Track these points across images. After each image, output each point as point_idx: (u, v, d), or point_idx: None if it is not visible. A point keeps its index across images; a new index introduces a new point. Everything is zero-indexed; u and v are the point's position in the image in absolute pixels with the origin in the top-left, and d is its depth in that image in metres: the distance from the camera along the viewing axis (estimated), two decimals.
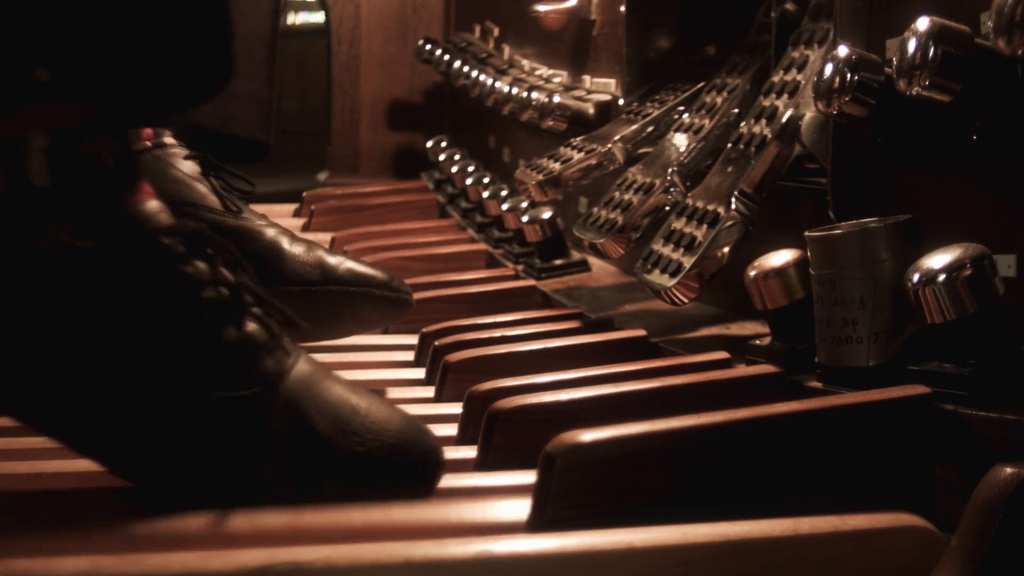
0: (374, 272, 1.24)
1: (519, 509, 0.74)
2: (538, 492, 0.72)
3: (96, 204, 0.70)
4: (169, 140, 1.22)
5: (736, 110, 1.25)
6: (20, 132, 0.68)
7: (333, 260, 1.22)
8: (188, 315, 0.71)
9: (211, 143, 1.20)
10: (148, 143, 1.19)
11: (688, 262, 1.07)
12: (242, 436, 0.72)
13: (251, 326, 0.74)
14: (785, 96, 1.11)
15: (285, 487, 0.73)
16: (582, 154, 1.38)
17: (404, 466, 0.76)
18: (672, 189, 1.23)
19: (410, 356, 1.28)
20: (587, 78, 1.62)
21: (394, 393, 1.14)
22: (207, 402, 0.71)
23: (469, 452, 0.92)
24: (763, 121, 1.12)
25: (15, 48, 0.67)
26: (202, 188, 1.18)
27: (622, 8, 1.45)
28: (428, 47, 2.28)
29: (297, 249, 1.22)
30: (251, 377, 0.73)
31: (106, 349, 0.70)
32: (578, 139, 1.42)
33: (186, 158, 1.20)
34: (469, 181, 1.92)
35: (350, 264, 1.23)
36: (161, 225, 0.72)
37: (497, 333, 1.21)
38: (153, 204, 0.72)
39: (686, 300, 1.09)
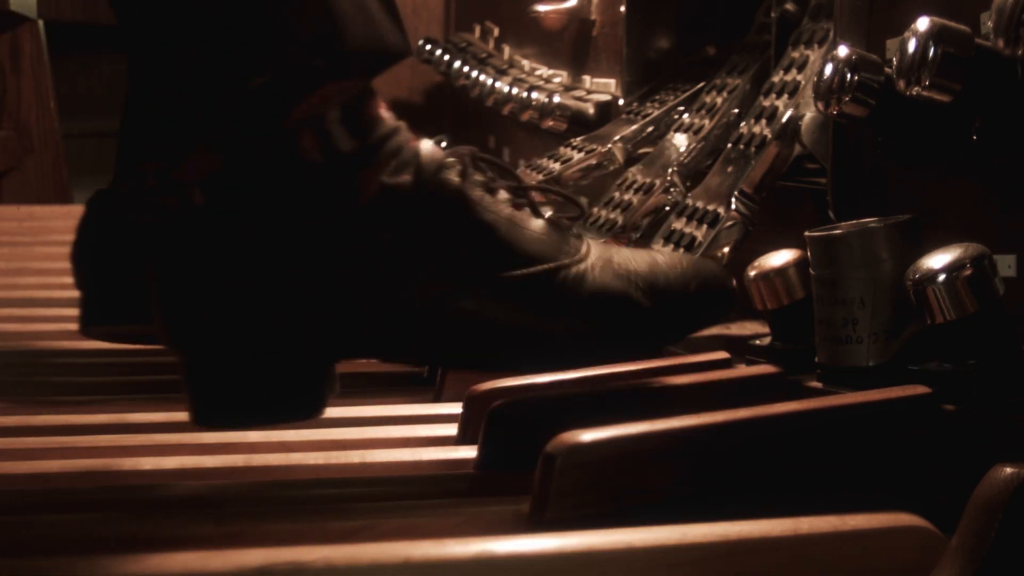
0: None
1: (518, 508, 0.74)
2: (538, 492, 0.72)
3: (394, 153, 0.82)
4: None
5: (736, 110, 1.25)
6: (317, 111, 0.78)
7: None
8: (496, 210, 0.84)
9: None
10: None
11: None
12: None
13: (539, 219, 0.86)
14: (785, 96, 1.11)
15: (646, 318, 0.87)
16: (582, 154, 1.38)
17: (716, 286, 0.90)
18: (672, 189, 1.23)
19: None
20: (587, 78, 1.63)
21: (394, 394, 1.14)
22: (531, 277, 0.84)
23: (469, 452, 0.92)
24: (763, 121, 1.12)
25: (295, 45, 0.78)
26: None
27: (622, 8, 1.45)
28: (428, 47, 2.28)
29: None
30: (568, 249, 0.85)
31: (439, 259, 0.82)
32: (578, 139, 1.42)
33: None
34: None
35: None
36: (447, 156, 0.84)
37: None
38: (421, 140, 0.85)
39: None
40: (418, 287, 0.80)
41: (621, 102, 1.46)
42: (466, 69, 2.02)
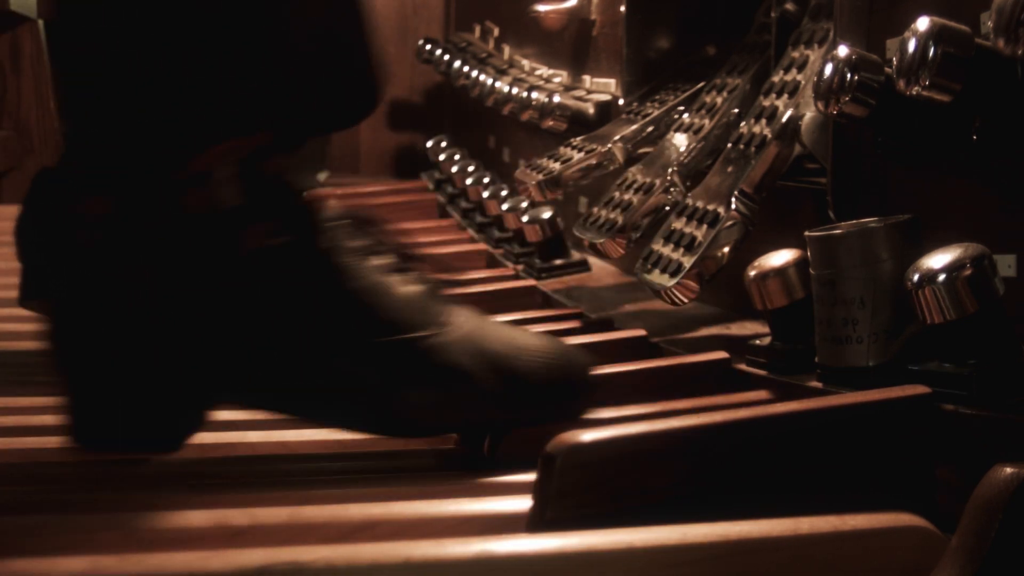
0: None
1: (518, 508, 0.74)
2: (538, 492, 0.72)
3: (282, 209, 0.84)
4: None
5: (736, 110, 1.25)
6: (213, 165, 0.81)
7: None
8: (367, 277, 0.85)
9: None
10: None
11: (688, 262, 1.08)
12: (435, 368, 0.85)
13: (413, 283, 0.88)
14: (785, 96, 1.11)
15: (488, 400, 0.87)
16: (582, 154, 1.38)
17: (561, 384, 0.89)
18: (672, 189, 1.23)
19: None
20: (587, 78, 1.63)
21: None
22: (389, 345, 0.84)
23: (470, 454, 0.92)
24: (763, 121, 1.12)
25: (204, 97, 0.81)
26: None
27: (622, 8, 1.45)
28: (428, 47, 2.28)
29: None
30: (431, 319, 0.86)
31: (304, 321, 0.84)
32: (578, 139, 1.42)
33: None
34: (469, 181, 1.92)
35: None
36: (330, 214, 0.86)
37: None
38: (316, 204, 0.86)
39: (686, 300, 1.09)
40: (281, 345, 0.83)
41: (621, 102, 1.46)
42: (466, 69, 2.02)
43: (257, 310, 0.82)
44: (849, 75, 0.88)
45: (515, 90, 1.73)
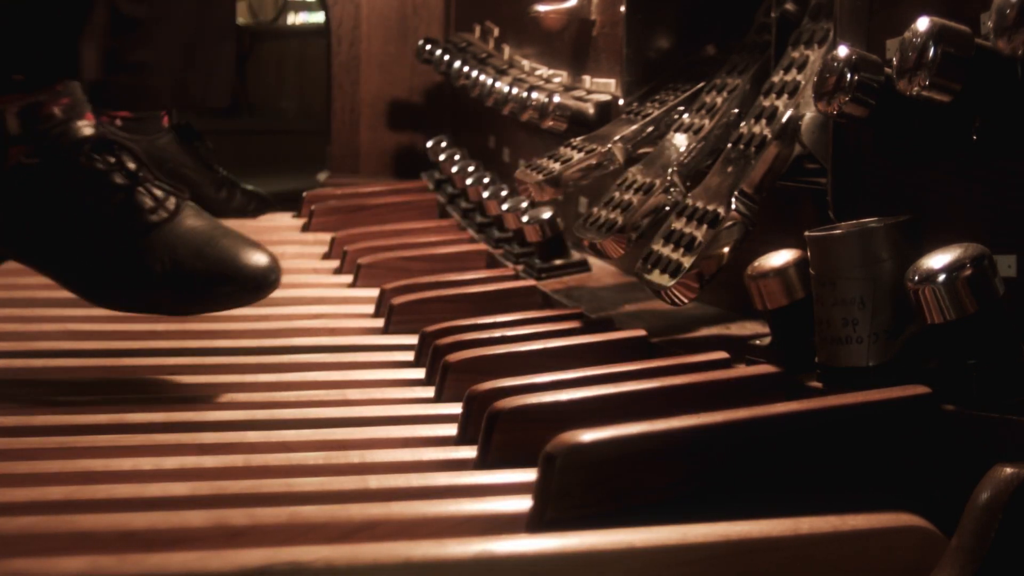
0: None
1: (518, 508, 0.74)
2: (538, 492, 0.72)
3: (42, 136, 1.18)
4: None
5: (736, 110, 1.25)
6: (2, 105, 1.17)
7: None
8: (95, 191, 1.17)
9: None
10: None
11: (688, 262, 1.07)
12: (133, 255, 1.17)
13: (141, 194, 1.18)
14: (785, 96, 1.11)
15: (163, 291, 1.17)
16: (582, 154, 1.38)
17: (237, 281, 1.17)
18: (672, 189, 1.23)
19: (410, 356, 1.28)
20: (587, 78, 1.63)
21: (394, 393, 1.14)
22: (109, 242, 1.17)
23: (469, 452, 0.92)
24: (763, 121, 1.12)
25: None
26: None
27: (622, 8, 1.45)
28: (428, 47, 2.28)
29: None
30: (135, 225, 1.17)
31: (49, 227, 1.18)
32: (578, 139, 1.42)
33: None
34: (469, 181, 1.92)
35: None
36: (81, 138, 1.19)
37: (497, 333, 1.21)
38: (82, 124, 1.20)
39: (686, 300, 1.09)
40: (28, 229, 1.18)
41: (621, 102, 1.46)
42: (466, 69, 2.02)
43: (15, 209, 1.17)
44: (849, 75, 0.88)
45: (515, 90, 1.73)
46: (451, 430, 0.98)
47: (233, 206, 2.27)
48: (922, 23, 0.81)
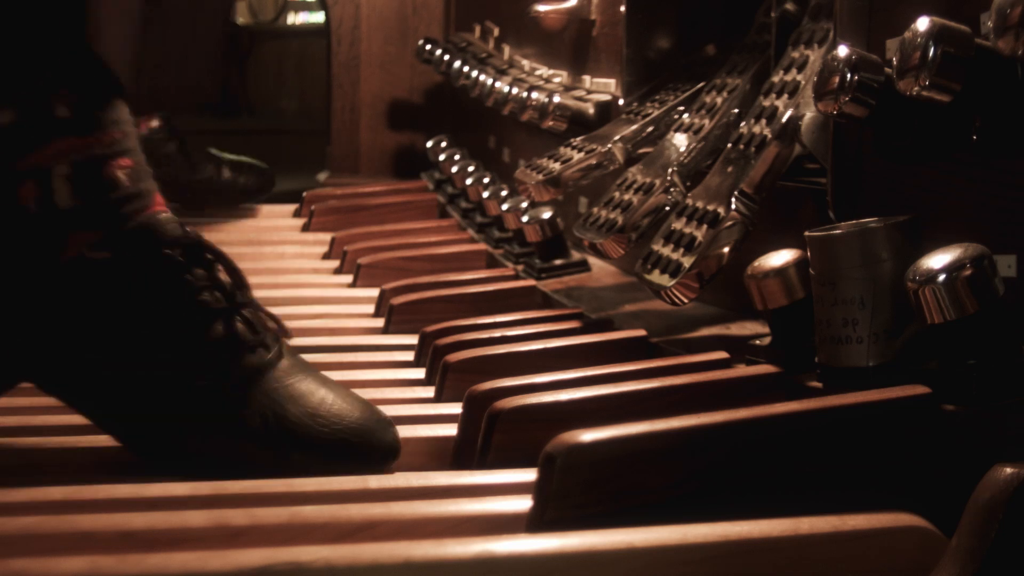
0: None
1: (518, 508, 0.74)
2: (538, 492, 0.72)
3: (112, 220, 0.83)
4: None
5: (736, 110, 1.25)
6: (46, 163, 0.82)
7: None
8: (184, 314, 0.85)
9: None
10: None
11: (688, 262, 1.07)
12: (222, 421, 0.86)
13: (239, 326, 0.87)
14: (785, 96, 1.11)
15: (262, 456, 0.86)
16: (582, 154, 1.38)
17: (361, 449, 0.88)
18: (672, 189, 1.23)
19: (410, 356, 1.28)
20: (587, 78, 1.63)
21: (394, 393, 1.14)
22: (193, 388, 0.85)
23: (468, 451, 0.92)
24: (763, 121, 1.12)
25: (35, 85, 0.81)
26: None
27: (622, 8, 1.45)
28: (428, 47, 2.28)
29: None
30: (234, 370, 0.86)
31: (116, 343, 0.85)
32: (578, 139, 1.42)
33: None
34: (469, 181, 1.92)
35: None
36: (167, 237, 0.85)
37: (497, 333, 1.21)
38: (164, 216, 0.86)
39: (686, 300, 1.09)
40: (80, 354, 0.85)
41: (621, 102, 1.46)
42: (466, 69, 2.02)
43: (63, 314, 0.84)
44: (849, 75, 0.88)
45: (515, 90, 1.73)
46: (451, 430, 0.98)
47: (239, 186, 2.24)
48: (922, 23, 0.81)
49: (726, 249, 1.08)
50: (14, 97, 0.81)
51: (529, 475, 0.78)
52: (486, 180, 1.88)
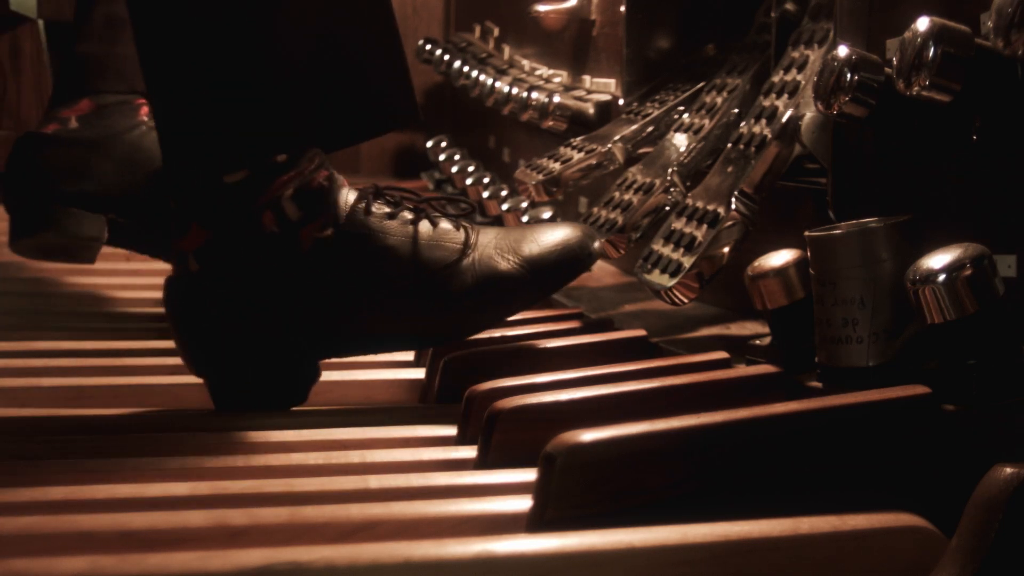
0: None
1: (518, 508, 0.74)
2: (538, 492, 0.72)
3: (324, 209, 1.10)
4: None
5: (736, 110, 1.25)
6: (276, 193, 1.08)
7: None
8: (401, 232, 1.12)
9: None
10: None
11: (688, 262, 1.08)
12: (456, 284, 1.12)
13: (440, 222, 1.14)
14: (785, 96, 1.11)
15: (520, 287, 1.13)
16: (582, 154, 1.38)
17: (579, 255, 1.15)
18: (672, 189, 1.23)
19: (410, 356, 1.28)
20: (587, 78, 1.63)
21: (393, 393, 1.14)
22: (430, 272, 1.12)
23: (469, 452, 0.92)
24: (763, 121, 1.12)
25: (263, 143, 1.08)
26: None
27: (622, 8, 1.45)
28: (428, 47, 2.28)
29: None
30: (451, 247, 1.13)
31: (361, 282, 1.11)
32: (578, 139, 1.42)
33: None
34: (469, 181, 1.92)
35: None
36: (359, 198, 1.12)
37: (497, 333, 1.21)
38: (344, 190, 1.12)
39: (686, 300, 1.09)
40: (351, 304, 1.10)
41: (621, 102, 1.46)
42: (466, 69, 2.02)
43: (327, 286, 1.09)
44: (849, 75, 0.88)
45: (515, 90, 1.73)
46: (451, 430, 0.98)
47: None
48: (922, 23, 0.81)
49: (726, 249, 1.08)
50: (245, 161, 1.08)
51: (529, 475, 0.78)
52: (486, 180, 1.88)
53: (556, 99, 1.58)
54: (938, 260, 0.80)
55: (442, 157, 2.14)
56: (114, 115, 1.63)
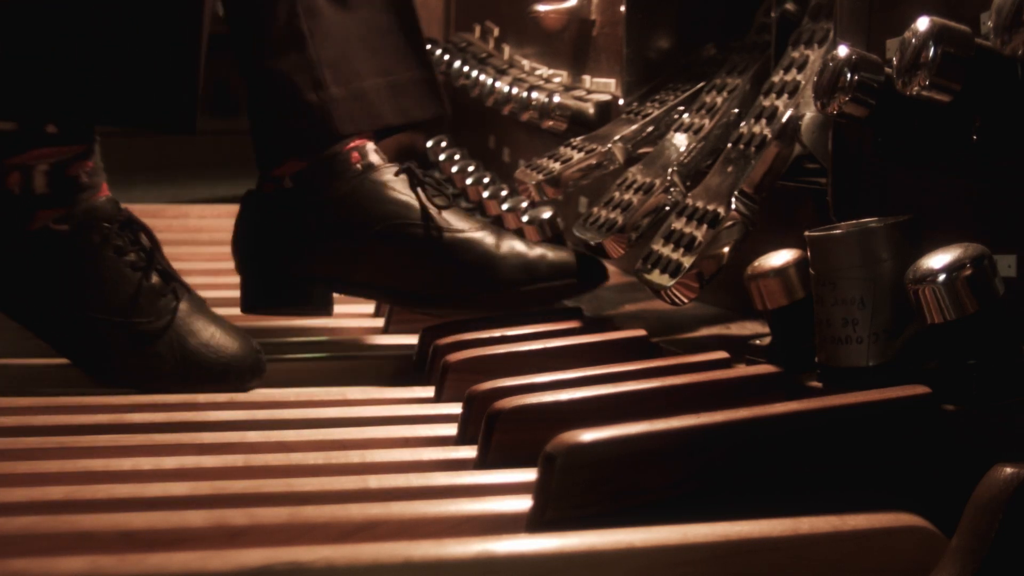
0: (569, 257, 1.33)
1: (518, 508, 0.74)
2: (538, 492, 0.72)
3: (70, 202, 1.17)
4: (375, 159, 1.35)
5: (736, 110, 1.25)
6: (32, 161, 1.16)
7: (533, 253, 1.33)
8: (116, 269, 1.18)
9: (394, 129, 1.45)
10: (359, 167, 1.33)
11: (688, 262, 1.08)
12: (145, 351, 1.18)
13: (154, 278, 1.19)
14: (785, 96, 1.11)
15: (172, 378, 1.17)
16: (582, 154, 1.38)
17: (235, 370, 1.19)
18: (672, 189, 1.23)
19: (410, 355, 1.28)
20: (587, 78, 1.62)
21: (393, 393, 1.14)
22: (125, 324, 1.17)
23: (469, 452, 0.92)
24: (763, 121, 1.12)
25: (33, 108, 1.15)
26: (414, 203, 1.33)
27: (622, 8, 1.45)
28: (428, 47, 2.28)
29: (504, 249, 1.33)
30: (153, 309, 1.18)
31: (64, 295, 1.17)
32: (578, 139, 1.42)
33: (396, 174, 1.34)
34: (469, 181, 1.92)
35: (548, 255, 1.33)
36: (106, 215, 1.18)
37: (497, 333, 1.21)
38: (104, 199, 1.19)
39: (686, 300, 1.09)
40: (49, 310, 1.17)
41: (621, 102, 1.46)
42: (466, 69, 2.02)
43: (31, 272, 1.17)
44: (849, 75, 0.88)
45: (515, 90, 1.73)
46: (451, 430, 0.98)
47: None
48: (922, 23, 0.81)
49: (726, 249, 1.08)
50: (21, 115, 1.15)
51: (529, 475, 0.78)
52: (486, 180, 1.88)
53: (556, 99, 1.58)
54: (938, 260, 0.80)
55: (442, 157, 2.14)
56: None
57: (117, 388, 1.16)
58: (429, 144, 2.24)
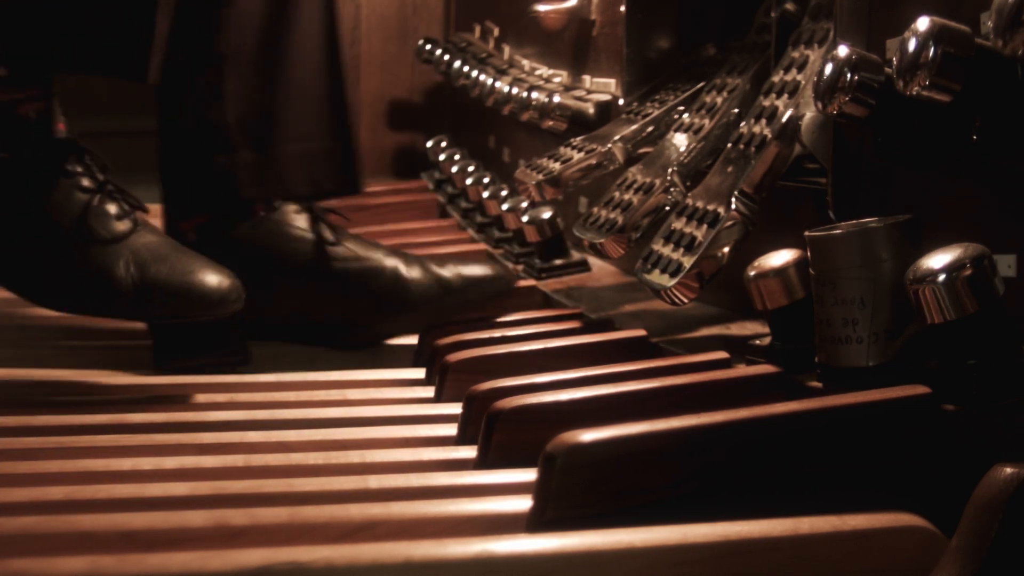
0: (481, 271, 1.39)
1: (519, 508, 0.74)
2: (538, 492, 0.72)
3: (16, 135, 1.21)
4: (280, 204, 1.41)
5: (736, 110, 1.25)
6: None
7: (445, 272, 1.38)
8: (64, 192, 1.19)
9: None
10: (263, 213, 1.39)
11: (688, 262, 1.07)
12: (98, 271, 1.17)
13: (110, 205, 1.20)
14: (785, 96, 1.11)
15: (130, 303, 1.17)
16: (582, 154, 1.38)
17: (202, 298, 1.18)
18: (672, 189, 1.23)
19: (410, 356, 1.28)
20: (587, 78, 1.62)
21: (394, 393, 1.14)
22: (78, 247, 1.17)
23: (469, 452, 0.92)
24: (763, 121, 1.12)
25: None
26: (314, 237, 1.40)
27: (622, 8, 1.45)
28: (428, 47, 2.28)
29: (414, 273, 1.38)
30: (106, 230, 1.18)
31: (23, 215, 1.18)
32: (578, 139, 1.42)
33: (296, 213, 1.40)
34: (469, 181, 1.92)
35: (459, 269, 1.39)
36: (53, 140, 1.21)
37: (497, 333, 1.21)
38: (56, 133, 1.23)
39: (686, 300, 1.09)
40: None
41: (621, 102, 1.46)
42: (466, 69, 2.02)
43: None
44: (849, 75, 0.88)
45: (515, 90, 1.73)
46: (451, 430, 0.98)
47: None
48: (922, 23, 0.81)
49: (726, 249, 1.08)
50: None
51: (529, 475, 0.78)
52: (486, 180, 1.88)
53: (556, 99, 1.58)
54: (938, 260, 0.80)
55: (442, 157, 2.14)
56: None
57: (104, 368, 1.16)
58: (429, 144, 2.25)
